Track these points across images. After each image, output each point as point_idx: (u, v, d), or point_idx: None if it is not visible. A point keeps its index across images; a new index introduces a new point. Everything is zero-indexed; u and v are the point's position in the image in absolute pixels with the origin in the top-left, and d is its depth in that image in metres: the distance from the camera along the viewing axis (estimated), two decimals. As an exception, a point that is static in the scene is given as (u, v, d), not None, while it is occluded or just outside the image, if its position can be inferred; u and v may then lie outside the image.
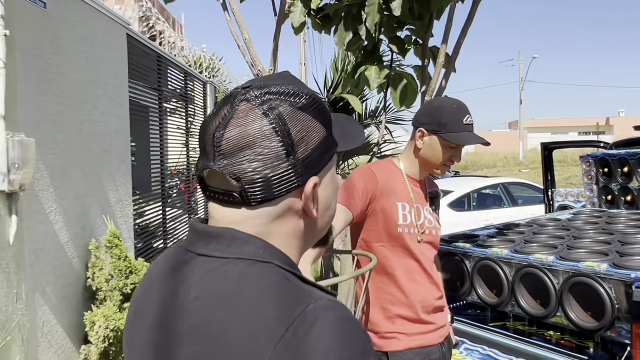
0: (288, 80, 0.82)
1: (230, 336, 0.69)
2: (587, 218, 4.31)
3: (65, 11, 3.54)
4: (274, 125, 0.75)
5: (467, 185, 7.91)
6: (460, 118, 1.97)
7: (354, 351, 0.69)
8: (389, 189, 2.02)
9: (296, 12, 2.95)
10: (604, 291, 2.71)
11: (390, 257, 2.03)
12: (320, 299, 0.72)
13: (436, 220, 2.17)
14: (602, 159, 4.69)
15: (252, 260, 0.75)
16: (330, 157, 0.83)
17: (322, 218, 0.85)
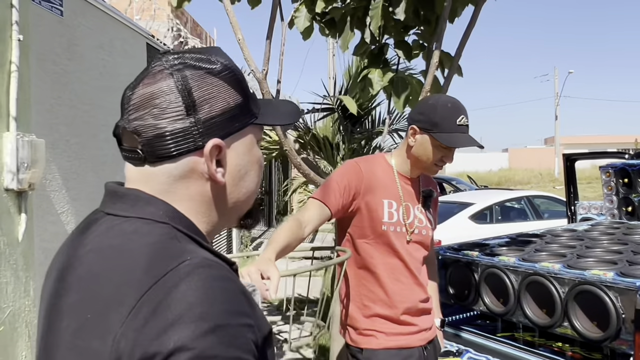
0: (214, 52, 0.85)
1: (103, 286, 0.71)
2: (604, 229, 4.20)
3: (82, 19, 3.67)
4: (177, 84, 0.78)
5: (490, 197, 7.79)
6: (453, 118, 1.91)
7: (222, 309, 0.68)
8: (376, 184, 1.97)
9: (300, 17, 2.99)
10: (608, 300, 2.63)
11: (373, 254, 1.98)
12: (198, 257, 0.72)
13: (428, 220, 2.10)
14: (622, 169, 4.58)
15: (149, 220, 0.77)
16: (243, 125, 0.84)
17: (236, 187, 0.85)
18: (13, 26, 2.86)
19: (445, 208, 7.39)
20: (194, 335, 0.65)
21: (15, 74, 2.86)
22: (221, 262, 0.76)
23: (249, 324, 0.71)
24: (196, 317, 0.66)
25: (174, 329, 0.65)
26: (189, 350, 0.64)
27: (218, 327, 0.66)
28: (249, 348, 0.69)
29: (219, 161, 0.81)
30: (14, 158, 2.79)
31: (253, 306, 0.75)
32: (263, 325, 0.77)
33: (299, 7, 2.95)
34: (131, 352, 0.66)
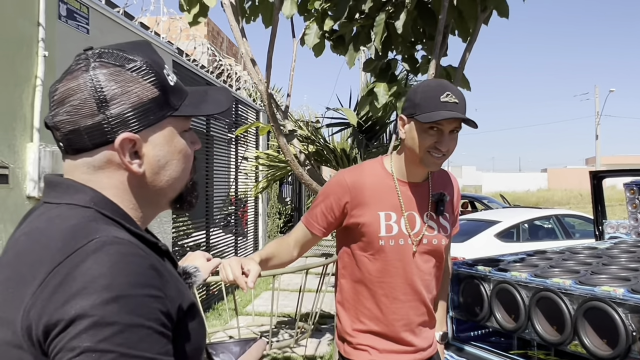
0: (138, 46, 0.91)
1: (24, 264, 0.79)
2: (626, 247, 4.10)
3: (108, 37, 3.84)
4: (91, 80, 0.84)
5: (517, 215, 7.66)
6: (436, 95, 1.68)
7: (125, 281, 0.73)
8: (368, 197, 1.80)
9: (311, 34, 3.07)
10: (617, 317, 2.58)
11: (372, 270, 1.82)
12: (107, 236, 0.78)
13: (442, 227, 1.87)
14: (647, 186, 4.47)
15: (75, 205, 0.84)
16: (159, 118, 0.89)
17: (157, 176, 0.91)
18: (39, 43, 3.04)
19: (471, 226, 7.30)
20: (94, 304, 0.70)
21: (40, 88, 3.03)
22: (135, 241, 0.82)
23: (155, 295, 0.76)
24: (99, 288, 0.72)
25: (76, 298, 0.71)
26: (89, 317, 0.70)
27: (120, 297, 0.72)
28: (155, 316, 0.74)
29: (136, 152, 0.88)
30: (36, 167, 2.94)
31: (166, 280, 0.80)
32: (179, 298, 0.82)
33: (309, 24, 3.03)
34: (38, 320, 0.72)
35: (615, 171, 5.37)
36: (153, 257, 0.83)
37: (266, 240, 9.49)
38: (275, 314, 4.30)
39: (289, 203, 14.39)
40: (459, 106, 1.69)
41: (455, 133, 1.74)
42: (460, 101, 1.70)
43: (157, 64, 0.90)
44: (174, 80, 0.92)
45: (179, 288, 0.85)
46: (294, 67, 3.10)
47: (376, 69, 3.14)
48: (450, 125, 1.70)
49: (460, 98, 1.71)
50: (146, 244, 0.85)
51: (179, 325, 0.80)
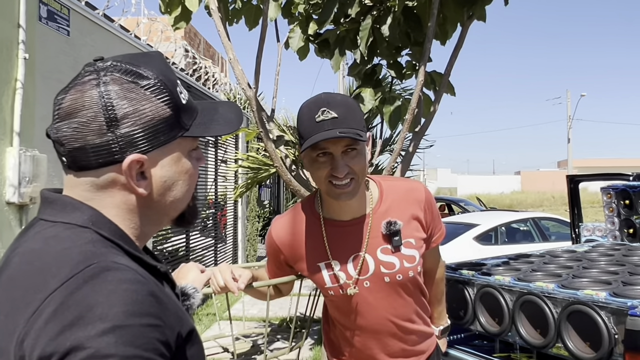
0: (151, 59, 0.86)
1: (17, 289, 0.75)
2: (604, 250, 4.17)
3: (88, 39, 3.78)
4: (101, 96, 0.79)
5: (495, 218, 7.75)
6: (311, 116, 1.43)
7: (123, 310, 0.69)
8: (302, 249, 1.61)
9: (295, 38, 3.06)
10: (600, 320, 2.62)
11: (335, 315, 1.69)
12: (105, 261, 0.75)
13: (404, 258, 1.59)
14: (623, 190, 4.56)
15: (72, 225, 0.80)
16: (169, 139, 0.85)
17: (162, 197, 0.87)
18: (19, 45, 2.97)
19: (450, 229, 7.36)
20: (90, 335, 0.66)
21: (20, 91, 2.96)
22: (135, 266, 0.78)
23: (153, 324, 0.72)
24: (95, 318, 0.68)
25: (71, 329, 0.67)
26: (84, 350, 0.66)
27: (117, 327, 0.68)
28: (153, 347, 0.70)
29: (142, 173, 0.84)
30: (16, 172, 2.87)
31: (165, 307, 0.76)
32: (179, 325, 0.78)
33: (293, 28, 3.02)
34: (31, 352, 0.68)
35: (592, 175, 5.46)
36: (152, 282, 0.79)
37: (246, 244, 9.44)
38: (268, 320, 4.26)
39: (267, 206, 14.33)
40: (340, 120, 1.41)
41: (353, 151, 1.44)
42: (341, 113, 1.42)
43: (170, 81, 0.86)
44: (185, 97, 0.88)
45: (178, 314, 0.81)
46: (279, 71, 3.09)
47: (360, 73, 3.14)
48: (338, 145, 1.43)
49: (342, 109, 1.43)
50: (145, 267, 0.81)
51: (177, 353, 0.77)
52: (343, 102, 1.46)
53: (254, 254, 9.78)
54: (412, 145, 2.76)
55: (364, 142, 1.47)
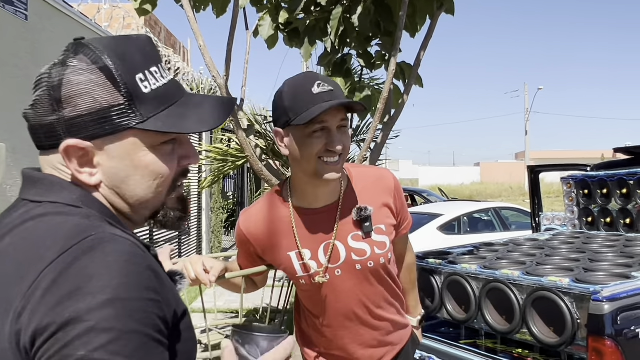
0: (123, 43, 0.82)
1: (10, 265, 0.72)
2: (564, 238, 4.30)
3: (47, 24, 3.64)
4: (50, 76, 0.78)
5: (458, 209, 7.90)
6: (307, 89, 1.40)
7: (124, 282, 0.67)
8: (272, 239, 1.59)
9: (265, 26, 3.02)
10: (564, 305, 2.70)
11: (307, 304, 1.67)
12: (104, 233, 0.72)
13: (375, 245, 1.58)
14: (582, 181, 4.69)
15: (62, 204, 0.77)
16: (116, 128, 0.79)
17: (118, 190, 0.83)
18: (-26, 29, 2.83)
19: (414, 219, 7.42)
20: (90, 307, 0.64)
21: (-25, 78, 2.82)
22: (132, 239, 0.76)
23: (153, 298, 0.70)
24: (95, 289, 0.65)
25: (70, 300, 0.64)
26: (83, 322, 0.63)
27: (117, 299, 0.66)
28: (152, 322, 0.68)
29: (91, 161, 0.80)
30: (-28, 161, 2.75)
31: (163, 283, 0.74)
32: (175, 304, 0.76)
33: (263, 16, 2.98)
34: (28, 324, 0.65)
35: (552, 166, 5.61)
36: (149, 257, 0.76)
37: (210, 236, 9.33)
38: (242, 312, 4.21)
39: (231, 197, 14.21)
40: (335, 93, 1.42)
41: (344, 128, 1.46)
42: (335, 87, 1.43)
43: (131, 67, 0.80)
44: (153, 87, 0.81)
45: (173, 292, 0.79)
46: (248, 60, 3.04)
47: (330, 63, 3.13)
48: (336, 118, 1.43)
49: (334, 84, 1.45)
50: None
51: (173, 331, 0.75)
52: (330, 80, 1.46)
53: (219, 245, 9.69)
54: (382, 135, 2.77)
55: None
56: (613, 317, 2.42)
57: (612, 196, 4.47)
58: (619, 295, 2.49)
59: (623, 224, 4.45)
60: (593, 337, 2.45)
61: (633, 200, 4.36)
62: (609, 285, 2.57)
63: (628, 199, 4.40)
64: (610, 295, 2.47)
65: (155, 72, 0.83)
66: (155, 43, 0.92)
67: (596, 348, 2.43)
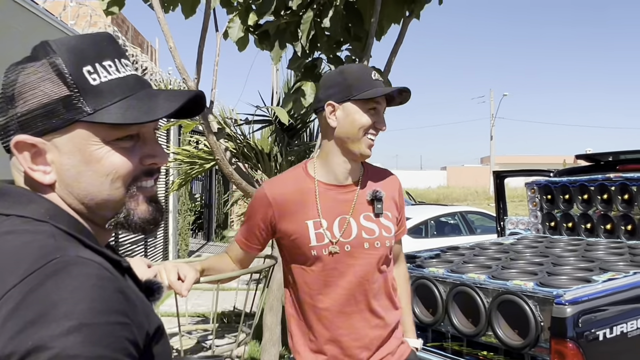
0: (79, 40, 0.80)
1: None
2: (528, 243, 4.39)
3: (11, 21, 3.55)
4: (7, 77, 0.77)
5: (425, 212, 8.00)
6: (367, 75, 1.66)
7: (90, 307, 0.65)
8: (292, 207, 1.68)
9: (234, 28, 3.01)
10: (528, 308, 2.75)
11: (309, 281, 1.69)
12: (69, 255, 0.69)
13: (383, 227, 1.71)
14: (545, 186, 4.81)
15: (28, 219, 0.74)
16: (65, 122, 0.77)
17: (73, 189, 0.80)
18: None
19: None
20: (54, 334, 0.61)
21: None
22: (100, 260, 0.73)
23: (122, 322, 0.67)
24: (59, 315, 0.63)
25: (34, 327, 0.62)
26: (47, 350, 0.61)
27: (83, 325, 0.63)
28: (121, 346, 0.66)
29: (45, 159, 0.78)
30: None
31: (133, 304, 0.72)
32: (147, 323, 0.74)
33: (233, 18, 2.96)
34: None
35: (517, 171, 5.74)
36: (119, 277, 0.74)
37: (177, 238, 9.21)
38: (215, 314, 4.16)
39: (198, 199, 14.07)
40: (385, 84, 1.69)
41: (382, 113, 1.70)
42: None
43: (83, 60, 0.78)
44: (103, 79, 0.79)
45: (145, 311, 0.77)
46: (218, 62, 3.02)
47: (301, 66, 3.13)
48: (383, 104, 1.68)
49: None
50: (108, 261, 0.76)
51: (145, 351, 0.72)
52: None
53: (186, 248, 9.57)
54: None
55: None
56: (575, 319, 2.49)
57: (574, 201, 4.59)
58: (581, 298, 2.56)
59: (584, 228, 4.58)
60: (556, 340, 2.51)
61: (593, 205, 4.49)
62: (571, 289, 2.63)
63: (589, 205, 4.53)
64: (572, 298, 2.54)
65: (109, 65, 0.80)
66: (118, 40, 0.91)
67: (558, 350, 2.49)
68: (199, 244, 12.45)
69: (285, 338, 4.85)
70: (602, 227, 4.46)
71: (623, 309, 2.69)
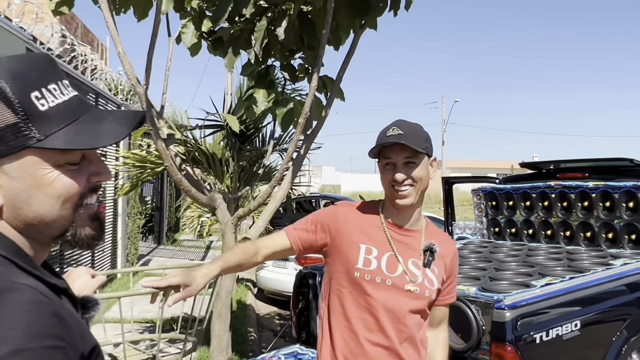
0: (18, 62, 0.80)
1: None
2: (474, 248, 4.54)
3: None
4: None
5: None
6: (384, 132, 1.76)
7: (24, 332, 0.66)
8: (353, 227, 1.80)
9: (188, 34, 2.99)
10: (470, 313, 2.85)
11: (348, 305, 1.76)
12: (5, 281, 0.70)
13: (426, 278, 1.78)
14: (490, 193, 4.98)
15: None
16: (14, 148, 0.78)
17: (20, 211, 0.80)
18: None
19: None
20: None
21: None
22: (35, 284, 0.74)
23: (57, 345, 0.69)
24: None
25: None
26: None
27: (18, 351, 0.64)
28: None
29: None
30: None
31: (69, 327, 0.73)
32: (82, 344, 0.75)
33: (186, 23, 2.95)
34: None
35: (465, 178, 5.92)
36: (55, 301, 0.75)
37: (126, 242, 9.01)
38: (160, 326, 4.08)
39: (149, 202, 13.80)
40: (404, 136, 1.70)
41: (413, 164, 1.74)
42: (407, 132, 1.73)
43: (29, 85, 0.78)
44: (52, 104, 0.79)
45: (81, 332, 0.77)
46: (170, 67, 3.01)
47: (254, 73, 3.15)
48: (399, 156, 1.73)
49: (410, 129, 1.74)
50: (44, 284, 0.77)
51: None
52: (412, 125, 1.78)
53: (135, 252, 9.37)
54: (304, 147, 2.81)
55: (425, 158, 1.76)
56: (514, 323, 2.60)
57: (517, 208, 4.78)
58: (519, 303, 2.68)
59: (526, 234, 4.77)
60: (495, 343, 2.62)
61: (535, 212, 4.68)
62: (511, 294, 2.75)
63: (531, 211, 4.72)
64: (511, 303, 2.65)
65: (54, 89, 0.81)
66: (55, 59, 0.90)
67: (498, 353, 2.60)
68: (150, 248, 12.21)
69: (234, 344, 4.83)
70: (543, 232, 4.66)
71: (559, 312, 2.83)
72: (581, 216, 4.39)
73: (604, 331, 3.04)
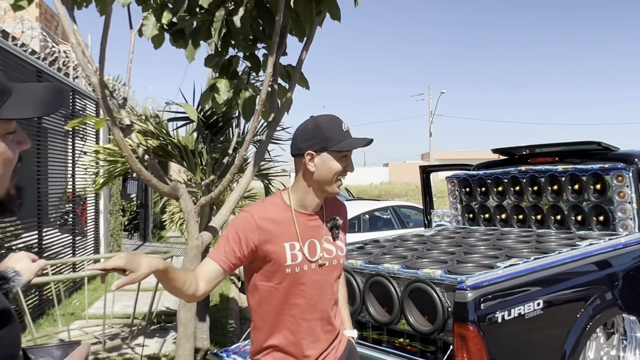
0: None
1: None
2: (447, 234, 4.59)
3: None
4: None
5: (358, 207, 8.15)
6: (339, 128, 1.95)
7: None
8: (273, 231, 1.94)
9: (149, 26, 2.99)
10: (436, 295, 2.90)
11: (280, 297, 1.96)
12: None
13: (338, 248, 2.06)
14: (464, 179, 5.02)
15: None
16: None
17: None
18: None
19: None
20: None
21: None
22: None
23: None
24: None
25: None
26: None
27: None
28: None
29: None
30: None
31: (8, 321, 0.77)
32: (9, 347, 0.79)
33: (147, 15, 2.95)
34: None
35: (441, 166, 5.95)
36: None
37: (108, 239, 8.99)
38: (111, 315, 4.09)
39: (134, 199, 13.75)
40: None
41: None
42: None
43: None
44: None
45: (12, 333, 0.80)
46: (132, 59, 3.01)
47: (218, 65, 3.16)
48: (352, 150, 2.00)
49: None
50: None
51: None
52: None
53: (118, 249, 9.35)
54: (267, 135, 2.83)
55: None
56: (475, 304, 2.64)
57: (490, 194, 4.83)
58: (481, 284, 2.72)
59: (499, 219, 4.82)
60: (458, 323, 2.65)
61: (507, 197, 4.74)
62: (473, 275, 2.79)
63: (503, 196, 4.78)
64: (473, 284, 2.69)
65: None
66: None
67: (460, 333, 2.64)
68: (135, 245, 12.18)
69: (214, 336, 4.85)
70: (515, 217, 4.71)
71: (522, 292, 2.87)
72: (551, 200, 4.44)
73: (567, 309, 3.09)
